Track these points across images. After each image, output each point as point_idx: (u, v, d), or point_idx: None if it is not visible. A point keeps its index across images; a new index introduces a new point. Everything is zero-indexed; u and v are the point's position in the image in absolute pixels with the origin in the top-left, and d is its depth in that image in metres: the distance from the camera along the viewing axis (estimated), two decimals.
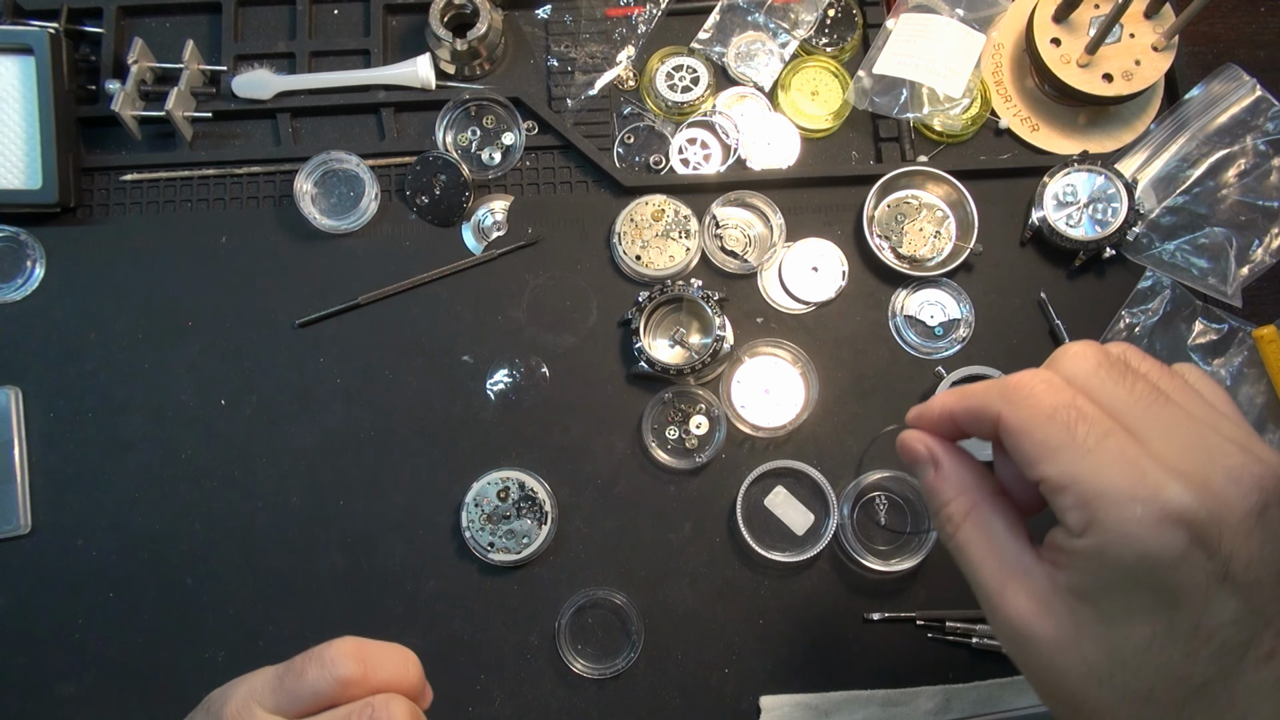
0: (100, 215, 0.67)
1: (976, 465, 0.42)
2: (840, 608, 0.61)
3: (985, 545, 0.40)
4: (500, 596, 0.61)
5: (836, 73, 0.69)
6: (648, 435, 0.62)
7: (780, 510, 0.62)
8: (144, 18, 0.70)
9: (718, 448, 0.62)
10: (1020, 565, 0.39)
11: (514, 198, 0.67)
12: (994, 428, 0.39)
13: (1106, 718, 0.36)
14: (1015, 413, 0.38)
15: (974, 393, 0.40)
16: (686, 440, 0.63)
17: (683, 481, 0.63)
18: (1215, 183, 0.66)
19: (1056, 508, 0.36)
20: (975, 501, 0.41)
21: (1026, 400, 0.38)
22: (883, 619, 0.60)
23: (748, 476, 0.62)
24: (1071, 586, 0.36)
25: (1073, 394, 0.37)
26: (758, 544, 0.60)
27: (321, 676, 0.38)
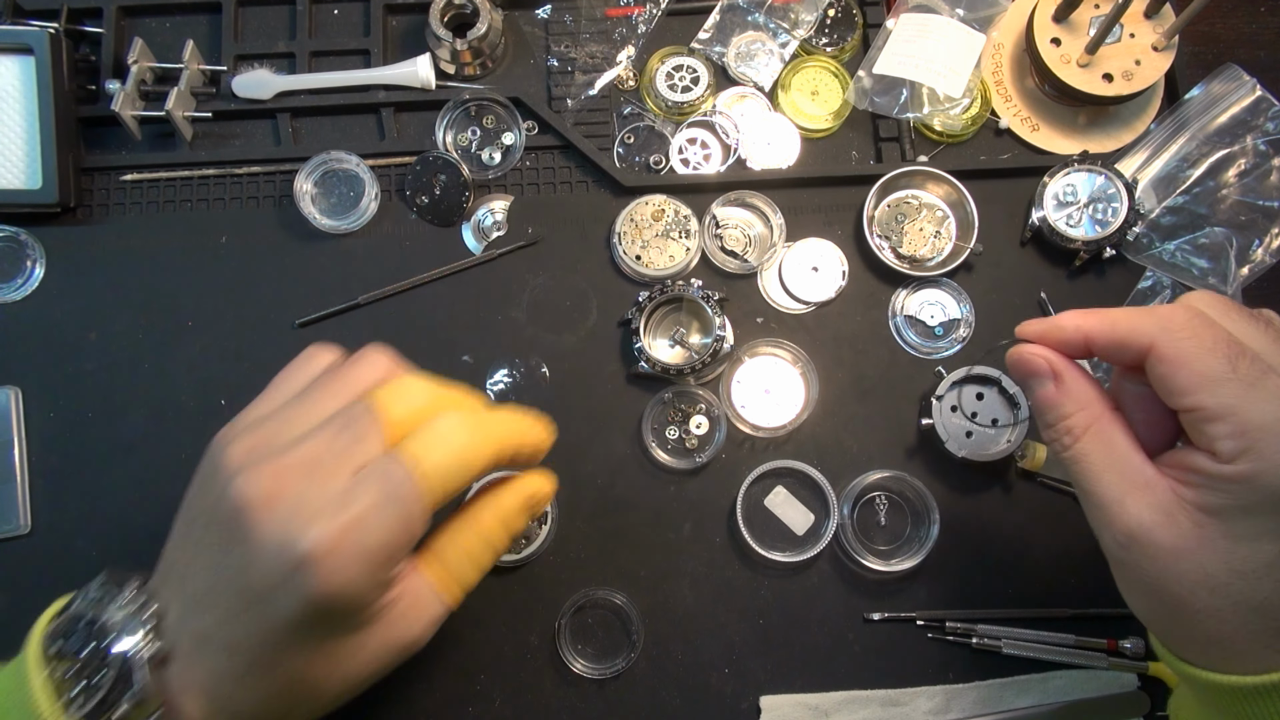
0: (100, 215, 0.67)
1: (1096, 383, 0.45)
2: (840, 608, 0.61)
3: (1107, 457, 0.43)
4: (500, 596, 0.61)
5: (836, 73, 0.69)
6: (648, 435, 0.62)
7: (780, 510, 0.62)
8: (144, 18, 0.70)
9: (718, 448, 0.62)
10: (1142, 478, 0.42)
11: (514, 198, 0.67)
12: (1141, 355, 0.42)
13: (1212, 620, 0.40)
14: (1175, 343, 0.40)
15: (1122, 319, 0.43)
16: (686, 440, 0.63)
17: (683, 481, 0.63)
18: (1215, 183, 0.66)
19: (1206, 435, 0.40)
20: (1097, 415, 0.44)
21: (1186, 331, 0.40)
22: (883, 619, 0.60)
23: (748, 476, 0.62)
24: (1202, 504, 0.40)
25: (1228, 332, 0.40)
26: (758, 544, 0.60)
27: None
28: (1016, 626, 0.60)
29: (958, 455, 0.60)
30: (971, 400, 0.62)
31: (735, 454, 0.63)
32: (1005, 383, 0.61)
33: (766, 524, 0.62)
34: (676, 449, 0.63)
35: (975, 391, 0.62)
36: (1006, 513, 0.62)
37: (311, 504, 0.40)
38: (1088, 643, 0.59)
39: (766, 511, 0.62)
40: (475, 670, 0.60)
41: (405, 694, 0.59)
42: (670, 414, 0.63)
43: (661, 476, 0.63)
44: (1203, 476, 0.40)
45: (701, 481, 0.63)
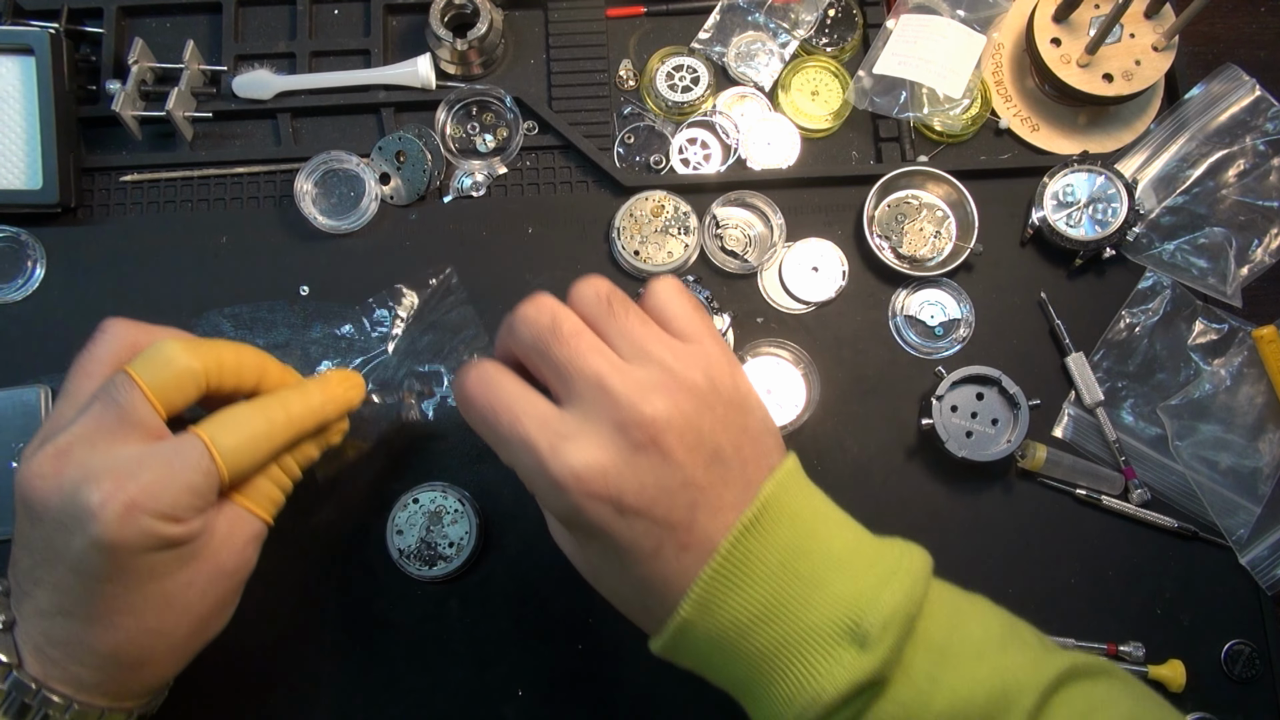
0: (100, 215, 0.67)
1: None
2: None
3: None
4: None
5: (836, 73, 0.69)
6: None
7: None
8: (144, 18, 0.70)
9: None
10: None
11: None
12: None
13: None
14: (474, 421, 0.47)
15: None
16: None
17: None
18: (1215, 183, 0.66)
19: None
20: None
21: (472, 403, 0.46)
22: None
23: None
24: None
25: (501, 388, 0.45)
26: None
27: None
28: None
29: (958, 455, 0.60)
30: (971, 400, 0.62)
31: None
32: (1005, 383, 0.61)
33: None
34: None
35: (975, 391, 0.62)
36: (1006, 513, 0.62)
37: (97, 469, 0.43)
38: (1088, 646, 0.59)
39: None
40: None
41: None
42: None
43: None
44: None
45: None
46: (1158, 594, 0.61)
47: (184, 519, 0.45)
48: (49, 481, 0.44)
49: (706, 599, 0.41)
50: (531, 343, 0.44)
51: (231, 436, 0.47)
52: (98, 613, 0.44)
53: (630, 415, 0.41)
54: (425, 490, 0.61)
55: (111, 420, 0.45)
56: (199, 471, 0.45)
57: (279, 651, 0.60)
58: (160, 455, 0.45)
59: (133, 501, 0.43)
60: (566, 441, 0.41)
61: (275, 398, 0.50)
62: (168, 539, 0.44)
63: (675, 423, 0.41)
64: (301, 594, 0.60)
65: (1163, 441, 0.63)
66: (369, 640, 0.60)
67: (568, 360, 0.43)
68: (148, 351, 0.48)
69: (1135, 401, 0.64)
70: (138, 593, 0.45)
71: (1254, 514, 0.61)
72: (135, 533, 0.43)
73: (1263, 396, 0.63)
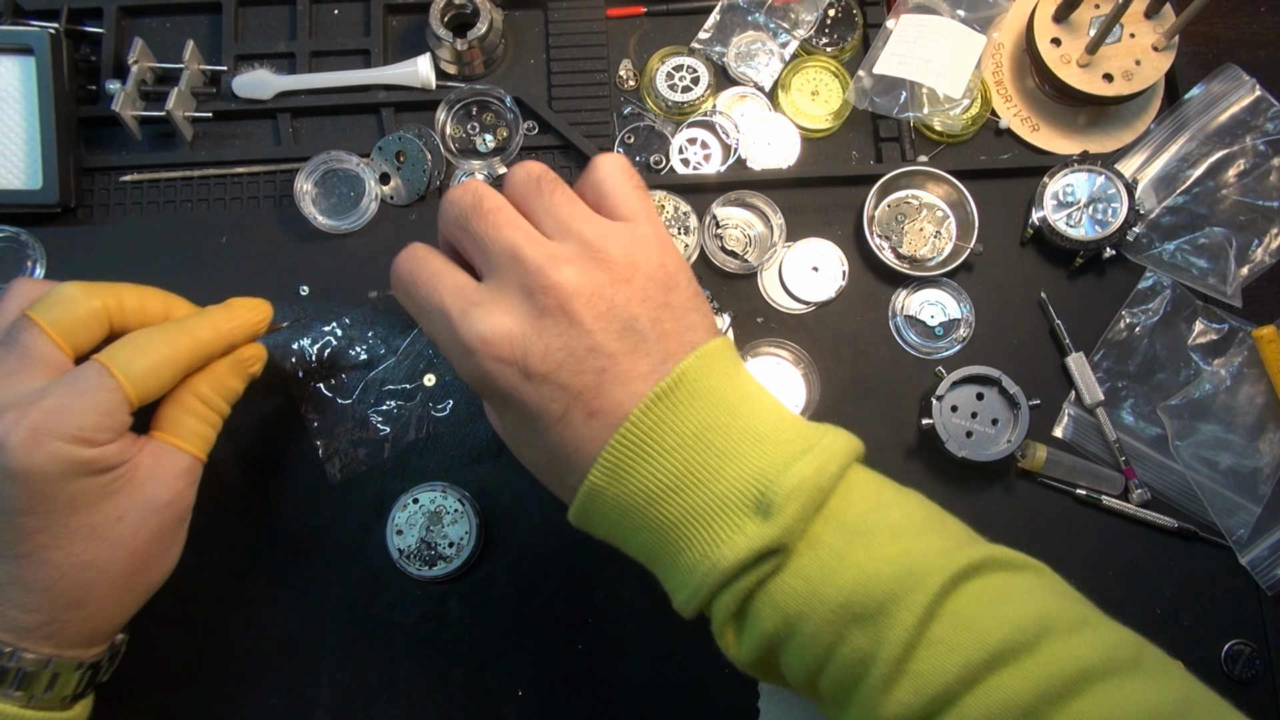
0: (100, 215, 0.67)
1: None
2: None
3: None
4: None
5: (836, 73, 0.69)
6: None
7: None
8: (144, 18, 0.70)
9: None
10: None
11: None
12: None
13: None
14: (401, 295, 0.49)
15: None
16: None
17: None
18: (1215, 183, 0.66)
19: None
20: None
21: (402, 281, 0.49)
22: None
23: None
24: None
25: (424, 261, 0.48)
26: None
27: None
28: None
29: (958, 455, 0.60)
30: (971, 400, 0.62)
31: None
32: (1005, 383, 0.61)
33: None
34: None
35: (975, 391, 0.62)
36: (1006, 513, 0.62)
37: (2, 406, 0.44)
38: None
39: None
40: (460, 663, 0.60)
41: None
42: None
43: None
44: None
45: None
46: (1158, 594, 0.61)
47: (95, 440, 0.45)
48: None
49: (615, 467, 0.42)
50: (455, 220, 0.46)
51: (133, 357, 0.47)
52: (24, 549, 0.45)
53: (538, 281, 0.42)
54: (425, 490, 0.61)
55: (14, 360, 0.46)
56: (102, 389, 0.46)
57: (279, 651, 0.60)
58: (62, 383, 0.46)
59: (36, 426, 0.44)
60: (477, 308, 0.43)
61: (178, 321, 0.51)
62: (81, 461, 0.45)
63: (584, 290, 0.42)
64: (302, 594, 0.60)
65: (1163, 441, 0.63)
66: (369, 640, 0.60)
67: (484, 233, 0.45)
68: (47, 295, 0.49)
69: (1135, 401, 0.64)
70: (61, 525, 0.45)
71: (1254, 514, 0.61)
72: (45, 457, 0.44)
73: (1263, 396, 0.63)
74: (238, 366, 0.54)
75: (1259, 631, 0.61)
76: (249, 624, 0.60)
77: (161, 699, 0.59)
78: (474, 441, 0.63)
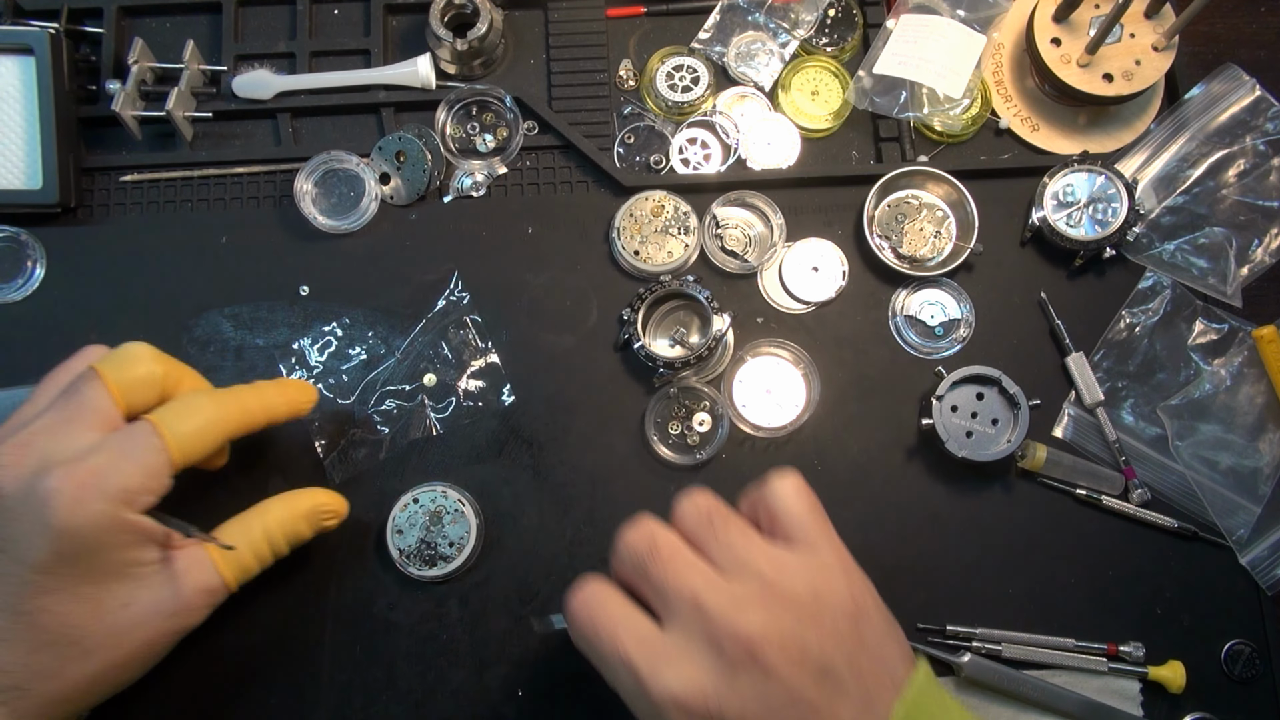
0: (100, 215, 0.67)
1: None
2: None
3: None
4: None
5: (837, 73, 0.69)
6: (650, 429, 0.62)
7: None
8: (144, 18, 0.70)
9: (719, 445, 0.62)
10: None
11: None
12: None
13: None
14: (579, 641, 0.46)
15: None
16: (689, 437, 0.63)
17: (683, 479, 0.63)
18: (1215, 183, 0.66)
19: None
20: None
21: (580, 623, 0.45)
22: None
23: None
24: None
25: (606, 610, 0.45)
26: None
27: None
28: (1016, 630, 0.60)
29: (958, 455, 0.60)
30: (971, 400, 0.62)
31: (736, 454, 0.63)
32: (1005, 383, 0.61)
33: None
34: (678, 444, 0.63)
35: (975, 391, 0.62)
36: (1006, 513, 0.62)
37: (54, 457, 0.45)
38: (1088, 647, 0.59)
39: None
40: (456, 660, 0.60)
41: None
42: (674, 409, 0.63)
43: (662, 474, 0.63)
44: None
45: (702, 480, 0.63)
46: (1158, 594, 0.61)
47: (136, 502, 0.46)
48: (6, 471, 0.45)
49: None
50: (632, 565, 0.45)
51: (181, 419, 0.48)
52: (27, 607, 0.45)
53: (725, 631, 0.40)
54: (425, 490, 0.61)
55: (73, 411, 0.47)
56: (150, 450, 0.46)
57: (279, 651, 0.60)
58: (113, 440, 0.46)
59: (83, 484, 0.44)
60: (665, 663, 0.40)
61: (228, 389, 0.52)
62: (119, 523, 0.45)
63: (774, 637, 0.40)
64: (302, 594, 0.60)
65: (1163, 441, 0.63)
66: (369, 640, 0.60)
67: (663, 579, 0.43)
68: (116, 351, 0.50)
69: (1135, 401, 0.64)
70: (71, 592, 0.45)
71: (1254, 514, 0.61)
72: (87, 516, 0.44)
73: (1263, 396, 0.63)
74: (315, 515, 0.55)
75: (1259, 631, 0.61)
76: (249, 624, 0.60)
77: (161, 699, 0.59)
78: (474, 441, 0.63)
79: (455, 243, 0.66)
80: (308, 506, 0.55)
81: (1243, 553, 0.61)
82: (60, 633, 0.45)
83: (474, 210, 0.67)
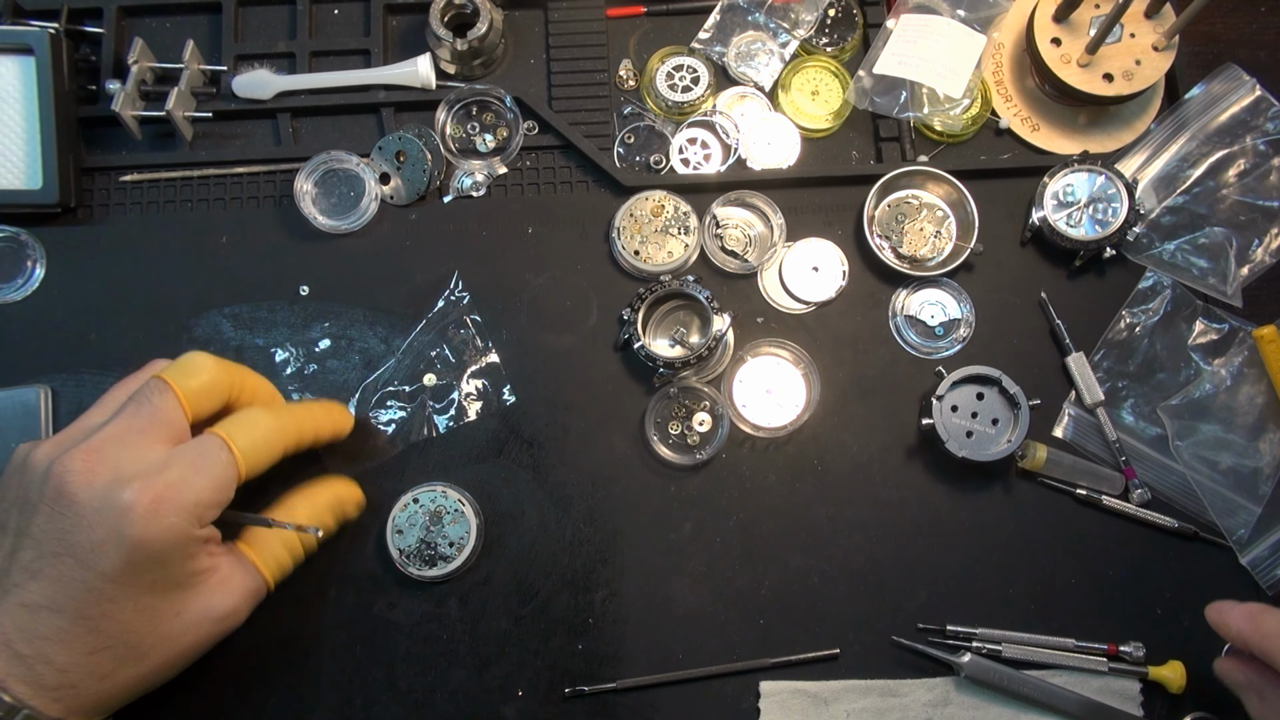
0: (100, 215, 0.67)
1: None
2: (842, 609, 0.61)
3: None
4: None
5: (837, 73, 0.69)
6: (650, 429, 0.62)
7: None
8: (144, 18, 0.70)
9: (719, 445, 0.62)
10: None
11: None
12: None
13: None
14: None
15: (1257, 631, 0.49)
16: (689, 437, 0.63)
17: (683, 479, 0.63)
18: (1215, 183, 0.66)
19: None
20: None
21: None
22: (885, 629, 0.60)
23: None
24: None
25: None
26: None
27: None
28: (1016, 630, 0.60)
29: (958, 455, 0.60)
30: (972, 400, 0.62)
31: (736, 454, 0.63)
32: (1005, 383, 0.61)
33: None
34: (678, 444, 0.63)
35: (975, 391, 0.62)
36: (1006, 513, 0.62)
37: (129, 469, 0.46)
38: (1088, 647, 0.59)
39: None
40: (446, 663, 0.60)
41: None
42: (674, 409, 0.63)
43: (662, 473, 0.63)
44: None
45: (702, 480, 0.63)
46: (1158, 594, 0.61)
47: (205, 517, 0.47)
48: (80, 477, 0.45)
49: None
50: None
51: (247, 435, 0.49)
52: (91, 612, 0.45)
53: None
54: (425, 490, 0.61)
55: (144, 421, 0.48)
56: (220, 464, 0.48)
57: (279, 651, 0.60)
58: (184, 454, 0.47)
59: (160, 498, 0.45)
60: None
61: (284, 405, 0.54)
62: (190, 539, 0.46)
63: None
64: (302, 594, 0.60)
65: (1163, 441, 0.63)
66: (369, 640, 0.60)
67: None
68: (180, 360, 0.51)
69: (1135, 401, 0.64)
70: (133, 601, 0.46)
71: (1254, 514, 0.61)
72: (161, 530, 0.45)
73: (1263, 396, 0.63)
74: (338, 506, 0.57)
75: None
76: (249, 624, 0.60)
77: (162, 699, 0.59)
78: (474, 441, 0.63)
79: (455, 243, 0.66)
80: (329, 498, 0.57)
81: (1243, 553, 0.61)
82: (119, 638, 0.47)
83: (474, 210, 0.67)
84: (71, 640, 0.46)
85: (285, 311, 0.65)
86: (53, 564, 0.45)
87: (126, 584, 0.46)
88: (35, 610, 0.45)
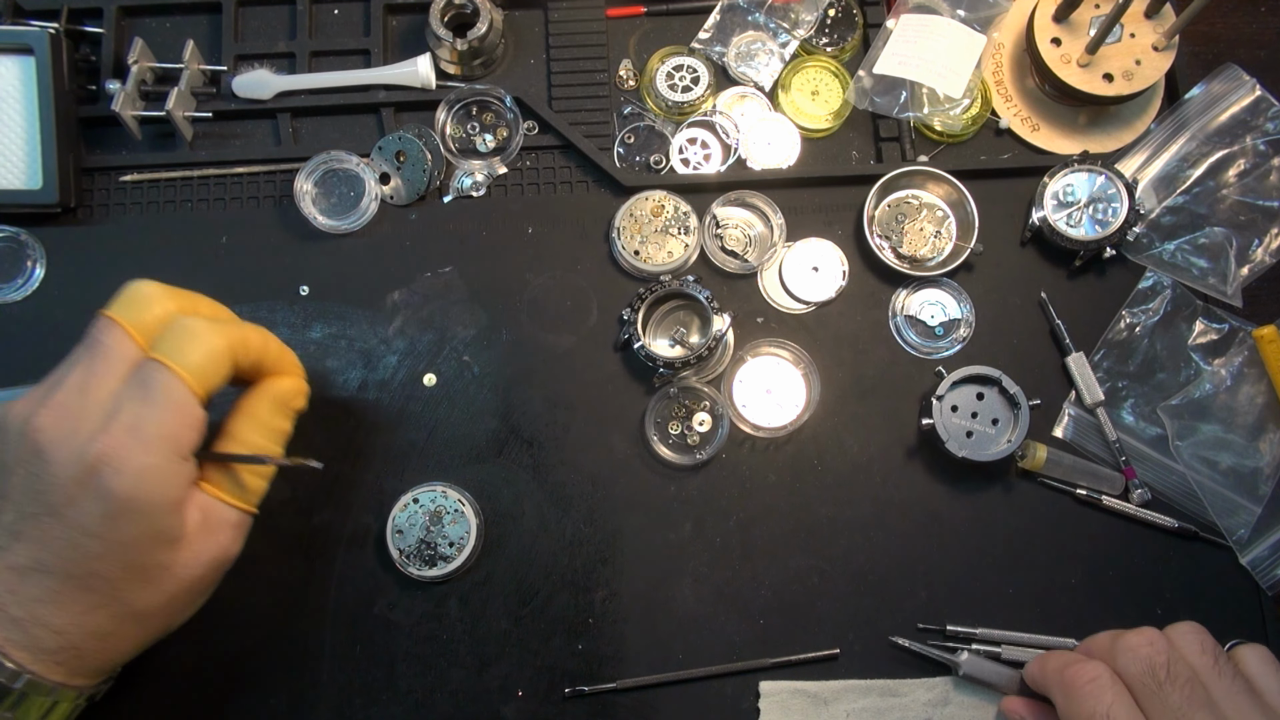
0: (100, 215, 0.67)
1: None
2: (842, 609, 0.61)
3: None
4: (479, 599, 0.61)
5: (837, 73, 0.69)
6: (650, 429, 0.62)
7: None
8: (144, 18, 0.70)
9: (719, 445, 0.62)
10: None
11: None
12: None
13: None
14: (1065, 706, 0.50)
15: (1041, 671, 0.53)
16: (689, 437, 0.63)
17: (683, 479, 0.63)
18: (1215, 183, 0.66)
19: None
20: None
21: (1073, 695, 0.49)
22: (885, 630, 0.60)
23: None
24: None
25: (1109, 702, 0.47)
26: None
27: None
28: (1016, 630, 0.60)
29: (958, 455, 0.60)
30: (972, 400, 0.62)
31: (735, 454, 0.63)
32: (1005, 383, 0.61)
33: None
34: (678, 444, 0.63)
35: (975, 391, 0.62)
36: (1006, 513, 0.62)
37: (90, 416, 0.45)
38: None
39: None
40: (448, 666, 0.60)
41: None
42: (674, 409, 0.63)
43: (662, 473, 0.63)
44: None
45: (702, 480, 0.63)
46: (1158, 594, 0.61)
47: (183, 449, 0.46)
48: (48, 434, 0.45)
49: None
50: (1139, 676, 0.47)
51: (182, 349, 0.47)
52: (77, 570, 0.45)
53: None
54: (425, 490, 0.61)
55: (99, 363, 0.47)
56: (168, 387, 0.46)
57: (279, 651, 0.60)
58: (129, 391, 0.46)
59: (119, 443, 0.44)
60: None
61: (229, 320, 0.52)
62: (173, 475, 0.46)
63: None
64: (301, 594, 0.60)
65: (1163, 441, 0.63)
66: (369, 640, 0.60)
67: (1180, 708, 0.45)
68: (123, 292, 0.50)
69: (1135, 401, 0.64)
70: (118, 559, 0.45)
71: (1254, 514, 0.61)
72: (134, 473, 0.44)
73: (1263, 396, 0.63)
74: (280, 405, 0.53)
75: (1259, 631, 0.60)
76: (249, 624, 0.60)
77: (162, 699, 0.59)
78: (474, 441, 0.63)
79: (455, 243, 0.66)
80: (269, 405, 0.53)
81: (1243, 553, 0.61)
82: (112, 594, 0.46)
83: (474, 210, 0.67)
84: (64, 600, 0.45)
85: (285, 311, 0.65)
86: (33, 524, 0.45)
87: (110, 538, 0.45)
88: (24, 573, 0.45)
